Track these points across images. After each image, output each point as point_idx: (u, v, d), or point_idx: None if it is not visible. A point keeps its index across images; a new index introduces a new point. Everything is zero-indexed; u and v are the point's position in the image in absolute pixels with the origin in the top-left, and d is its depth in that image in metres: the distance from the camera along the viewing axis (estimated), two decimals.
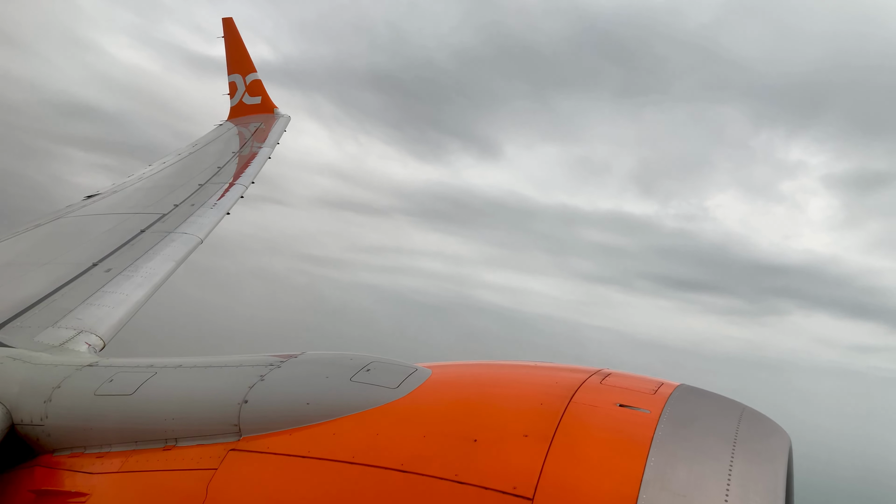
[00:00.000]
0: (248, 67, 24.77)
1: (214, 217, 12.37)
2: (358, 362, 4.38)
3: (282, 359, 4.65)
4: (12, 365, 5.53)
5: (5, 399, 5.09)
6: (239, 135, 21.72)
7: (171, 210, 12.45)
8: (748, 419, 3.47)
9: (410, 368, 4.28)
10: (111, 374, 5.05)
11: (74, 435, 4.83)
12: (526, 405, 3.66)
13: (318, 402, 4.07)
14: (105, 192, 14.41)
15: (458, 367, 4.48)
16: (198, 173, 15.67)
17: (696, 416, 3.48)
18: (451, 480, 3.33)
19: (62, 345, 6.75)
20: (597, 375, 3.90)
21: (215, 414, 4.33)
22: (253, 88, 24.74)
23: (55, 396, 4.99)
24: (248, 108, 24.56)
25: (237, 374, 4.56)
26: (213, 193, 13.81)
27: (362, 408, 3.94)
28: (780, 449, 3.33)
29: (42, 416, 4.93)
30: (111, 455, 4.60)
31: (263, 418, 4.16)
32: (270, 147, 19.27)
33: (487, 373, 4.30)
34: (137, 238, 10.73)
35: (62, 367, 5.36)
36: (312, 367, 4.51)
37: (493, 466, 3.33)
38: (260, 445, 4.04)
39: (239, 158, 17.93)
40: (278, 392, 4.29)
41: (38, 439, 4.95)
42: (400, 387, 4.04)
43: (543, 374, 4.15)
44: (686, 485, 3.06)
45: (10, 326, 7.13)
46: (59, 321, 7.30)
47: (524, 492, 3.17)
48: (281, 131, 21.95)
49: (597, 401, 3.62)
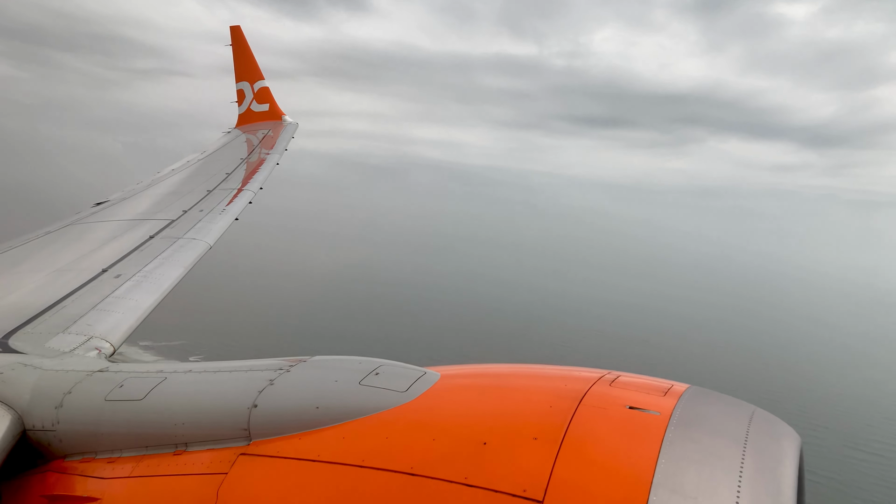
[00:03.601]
0: (256, 75, 24.92)
1: (223, 223, 12.44)
2: (367, 366, 4.39)
3: (291, 363, 4.66)
4: (24, 371, 5.57)
5: (17, 405, 5.13)
6: (247, 141, 21.85)
7: (180, 216, 12.52)
8: (758, 420, 3.46)
9: (419, 372, 4.28)
10: (121, 379, 5.07)
11: (86, 440, 4.86)
12: (535, 408, 3.66)
13: (328, 406, 4.08)
14: (114, 198, 14.51)
15: (467, 370, 4.49)
16: (206, 179, 15.77)
17: (707, 417, 3.47)
18: (460, 483, 3.33)
19: (72, 351, 6.79)
20: (606, 378, 3.89)
21: (225, 418, 4.34)
22: (261, 96, 24.90)
23: (66, 402, 5.02)
24: (256, 115, 24.71)
25: (246, 378, 4.58)
26: (222, 199, 13.89)
27: (372, 411, 3.95)
28: (790, 450, 3.31)
29: (54, 421, 4.96)
30: (122, 460, 4.62)
31: (273, 422, 4.17)
32: (278, 153, 19.37)
33: (496, 376, 4.30)
34: (147, 244, 10.80)
35: (73, 373, 5.39)
36: (322, 372, 4.53)
37: (502, 469, 3.33)
38: (270, 450, 4.05)
39: (247, 165, 18.03)
40: (288, 396, 4.30)
41: (49, 444, 4.98)
42: (409, 390, 4.05)
43: (552, 376, 4.14)
44: (697, 487, 3.04)
45: (21, 333, 7.18)
46: (70, 327, 7.35)
47: (534, 494, 3.16)
48: (289, 138, 22.07)
49: (606, 403, 3.61)
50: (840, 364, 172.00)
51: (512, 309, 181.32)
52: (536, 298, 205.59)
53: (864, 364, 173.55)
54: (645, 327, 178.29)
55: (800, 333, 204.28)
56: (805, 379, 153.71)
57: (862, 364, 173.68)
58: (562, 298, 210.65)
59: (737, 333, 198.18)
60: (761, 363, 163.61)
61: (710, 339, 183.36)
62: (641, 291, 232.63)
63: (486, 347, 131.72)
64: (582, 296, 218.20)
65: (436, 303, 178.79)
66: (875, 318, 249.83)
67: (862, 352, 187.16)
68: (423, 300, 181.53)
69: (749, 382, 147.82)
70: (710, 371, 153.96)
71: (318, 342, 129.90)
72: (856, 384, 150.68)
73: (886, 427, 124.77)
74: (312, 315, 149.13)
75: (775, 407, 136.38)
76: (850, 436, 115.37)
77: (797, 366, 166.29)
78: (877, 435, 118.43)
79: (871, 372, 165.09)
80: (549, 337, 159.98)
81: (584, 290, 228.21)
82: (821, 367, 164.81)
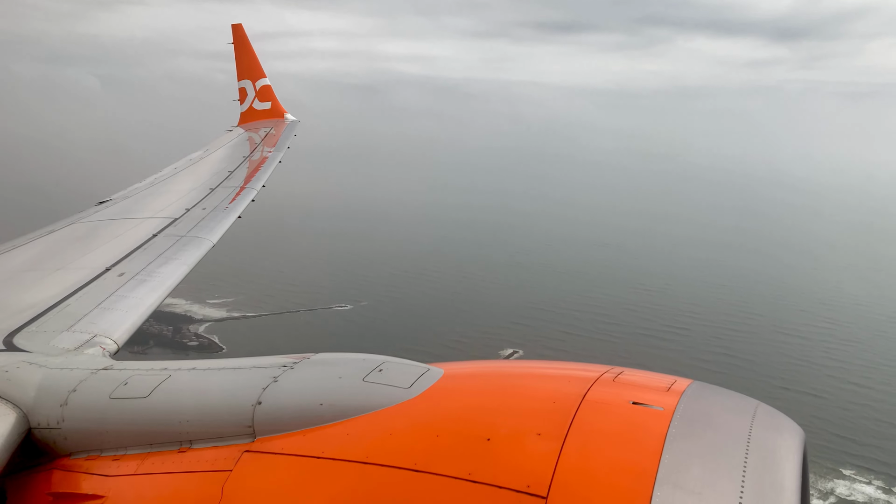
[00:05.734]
0: (258, 73, 24.94)
1: (226, 221, 12.46)
2: (370, 363, 4.40)
3: (295, 360, 4.68)
4: (28, 369, 5.59)
5: (22, 403, 5.15)
6: (249, 140, 21.88)
7: (183, 214, 12.55)
8: (762, 416, 3.46)
9: (423, 368, 4.29)
10: (126, 377, 5.09)
11: (90, 438, 4.88)
12: (538, 404, 3.66)
13: (332, 403, 4.09)
14: (117, 197, 14.54)
15: (471, 366, 4.49)
16: (209, 178, 15.80)
17: (710, 413, 3.47)
18: (464, 480, 3.33)
19: (77, 349, 6.82)
20: (609, 373, 3.89)
21: (229, 416, 4.35)
22: (263, 94, 24.92)
23: (71, 400, 5.03)
24: (258, 113, 24.75)
25: (250, 375, 4.59)
26: (225, 197, 13.91)
27: (375, 408, 3.96)
28: (794, 445, 3.31)
29: (58, 419, 4.97)
30: (127, 458, 4.64)
31: (277, 419, 4.18)
32: (280, 151, 19.41)
33: (500, 372, 4.30)
34: (150, 242, 10.82)
35: (77, 371, 5.40)
36: (325, 368, 4.54)
37: (506, 465, 3.33)
38: (274, 446, 4.06)
39: (249, 163, 18.05)
40: (292, 393, 4.31)
41: (54, 442, 5.00)
42: (412, 387, 4.05)
43: (556, 372, 4.14)
44: (700, 482, 3.04)
45: (26, 331, 7.21)
46: (74, 325, 7.37)
47: (538, 490, 3.17)
48: (290, 136, 22.10)
49: (610, 398, 3.61)
50: (828, 259, 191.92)
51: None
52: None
53: (857, 260, 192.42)
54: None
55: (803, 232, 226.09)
56: (790, 269, 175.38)
57: (858, 262, 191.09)
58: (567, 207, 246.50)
59: (716, 229, 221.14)
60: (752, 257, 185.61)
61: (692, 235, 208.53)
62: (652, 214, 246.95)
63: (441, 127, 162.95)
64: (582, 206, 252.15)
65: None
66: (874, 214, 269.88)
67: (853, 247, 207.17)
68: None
69: (728, 273, 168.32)
70: (684, 265, 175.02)
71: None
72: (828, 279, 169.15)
73: (818, 311, 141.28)
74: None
75: (749, 293, 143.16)
76: (781, 320, 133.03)
77: (791, 258, 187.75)
78: (807, 319, 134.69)
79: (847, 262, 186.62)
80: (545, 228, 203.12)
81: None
82: (818, 265, 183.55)
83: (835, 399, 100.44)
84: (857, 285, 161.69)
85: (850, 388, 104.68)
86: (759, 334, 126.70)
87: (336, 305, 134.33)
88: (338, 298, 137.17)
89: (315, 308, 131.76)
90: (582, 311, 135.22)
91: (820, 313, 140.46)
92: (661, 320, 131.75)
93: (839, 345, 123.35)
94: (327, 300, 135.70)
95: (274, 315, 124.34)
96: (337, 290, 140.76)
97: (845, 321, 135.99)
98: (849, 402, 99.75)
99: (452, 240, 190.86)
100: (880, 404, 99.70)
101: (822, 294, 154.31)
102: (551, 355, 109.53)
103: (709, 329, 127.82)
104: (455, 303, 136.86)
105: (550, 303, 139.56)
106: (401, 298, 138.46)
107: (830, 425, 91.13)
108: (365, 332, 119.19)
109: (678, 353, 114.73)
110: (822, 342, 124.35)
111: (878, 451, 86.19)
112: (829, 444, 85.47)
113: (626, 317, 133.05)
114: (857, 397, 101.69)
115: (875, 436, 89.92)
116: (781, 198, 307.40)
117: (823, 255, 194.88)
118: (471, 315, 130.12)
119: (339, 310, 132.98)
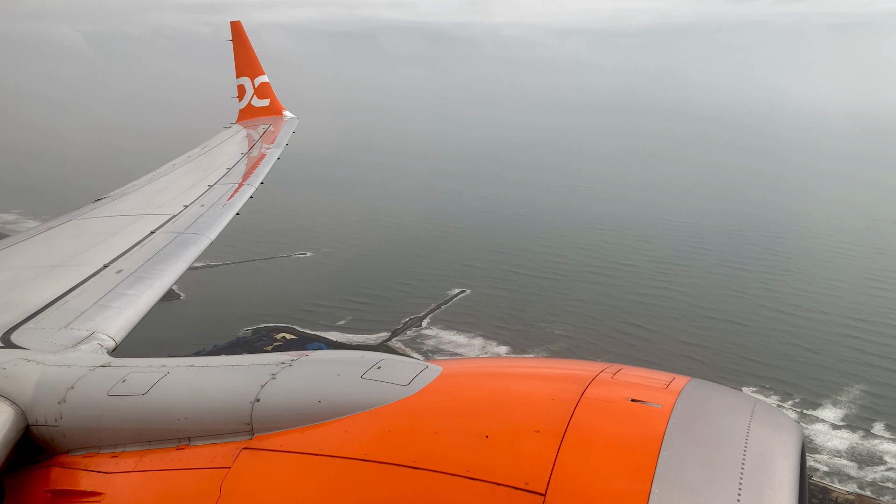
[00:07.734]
0: (257, 70, 24.89)
1: (224, 217, 12.43)
2: (369, 360, 4.39)
3: (293, 357, 4.67)
4: (27, 367, 5.58)
5: (20, 400, 5.14)
6: (248, 137, 21.85)
7: (181, 211, 12.52)
8: (760, 413, 3.46)
9: (421, 365, 4.29)
10: (124, 374, 5.08)
11: (89, 435, 4.87)
12: (537, 401, 3.66)
13: (330, 400, 4.09)
14: (115, 194, 14.51)
15: (469, 363, 4.50)
16: (208, 175, 15.77)
17: (708, 410, 3.47)
18: (463, 476, 3.34)
19: (75, 346, 6.80)
20: (608, 370, 3.89)
21: (228, 413, 4.35)
22: (261, 91, 24.88)
23: (69, 397, 5.02)
24: (256, 110, 24.71)
25: (249, 373, 4.59)
26: (223, 194, 13.89)
27: (374, 405, 3.96)
28: (791, 443, 3.32)
29: (57, 416, 4.97)
30: (125, 455, 4.64)
31: (276, 417, 4.18)
32: (279, 148, 19.38)
33: (498, 369, 4.30)
34: (148, 239, 10.80)
35: (76, 368, 5.40)
36: (324, 366, 4.54)
37: (505, 462, 3.33)
38: (272, 444, 4.06)
39: (248, 160, 18.03)
40: (290, 390, 4.31)
41: (53, 440, 4.99)
42: (411, 384, 4.05)
43: (554, 369, 4.14)
44: (698, 480, 3.05)
45: (24, 328, 7.19)
46: (72, 322, 7.36)
47: (536, 487, 3.17)
48: (289, 133, 22.06)
49: (608, 396, 3.61)
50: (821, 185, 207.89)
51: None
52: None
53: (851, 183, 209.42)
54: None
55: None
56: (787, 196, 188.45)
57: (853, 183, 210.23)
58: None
59: (701, 167, 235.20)
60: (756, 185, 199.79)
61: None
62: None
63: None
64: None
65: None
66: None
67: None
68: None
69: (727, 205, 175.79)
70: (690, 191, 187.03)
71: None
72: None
73: (766, 243, 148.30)
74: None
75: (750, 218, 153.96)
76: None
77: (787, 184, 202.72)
78: (755, 252, 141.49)
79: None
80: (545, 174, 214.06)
81: None
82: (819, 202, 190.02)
83: (757, 326, 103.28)
84: (818, 218, 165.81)
85: (775, 316, 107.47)
86: (704, 268, 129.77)
87: (297, 253, 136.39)
88: (301, 247, 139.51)
89: (276, 256, 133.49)
90: (535, 251, 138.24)
91: (767, 245, 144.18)
92: (610, 257, 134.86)
93: (778, 275, 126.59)
94: (290, 249, 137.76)
95: (236, 264, 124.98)
96: (301, 239, 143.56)
97: (789, 252, 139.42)
98: (770, 328, 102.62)
99: (425, 190, 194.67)
100: (800, 329, 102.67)
101: (776, 228, 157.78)
102: (494, 294, 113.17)
103: (654, 265, 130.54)
104: (413, 248, 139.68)
105: (506, 245, 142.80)
106: (360, 245, 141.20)
107: (744, 350, 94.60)
108: (320, 278, 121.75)
109: (616, 289, 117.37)
110: (761, 273, 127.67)
111: (782, 372, 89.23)
112: (736, 366, 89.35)
113: (576, 255, 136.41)
114: (779, 324, 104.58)
115: (783, 358, 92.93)
116: (774, 131, 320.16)
117: (799, 187, 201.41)
118: (426, 259, 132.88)
119: (299, 257, 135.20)
